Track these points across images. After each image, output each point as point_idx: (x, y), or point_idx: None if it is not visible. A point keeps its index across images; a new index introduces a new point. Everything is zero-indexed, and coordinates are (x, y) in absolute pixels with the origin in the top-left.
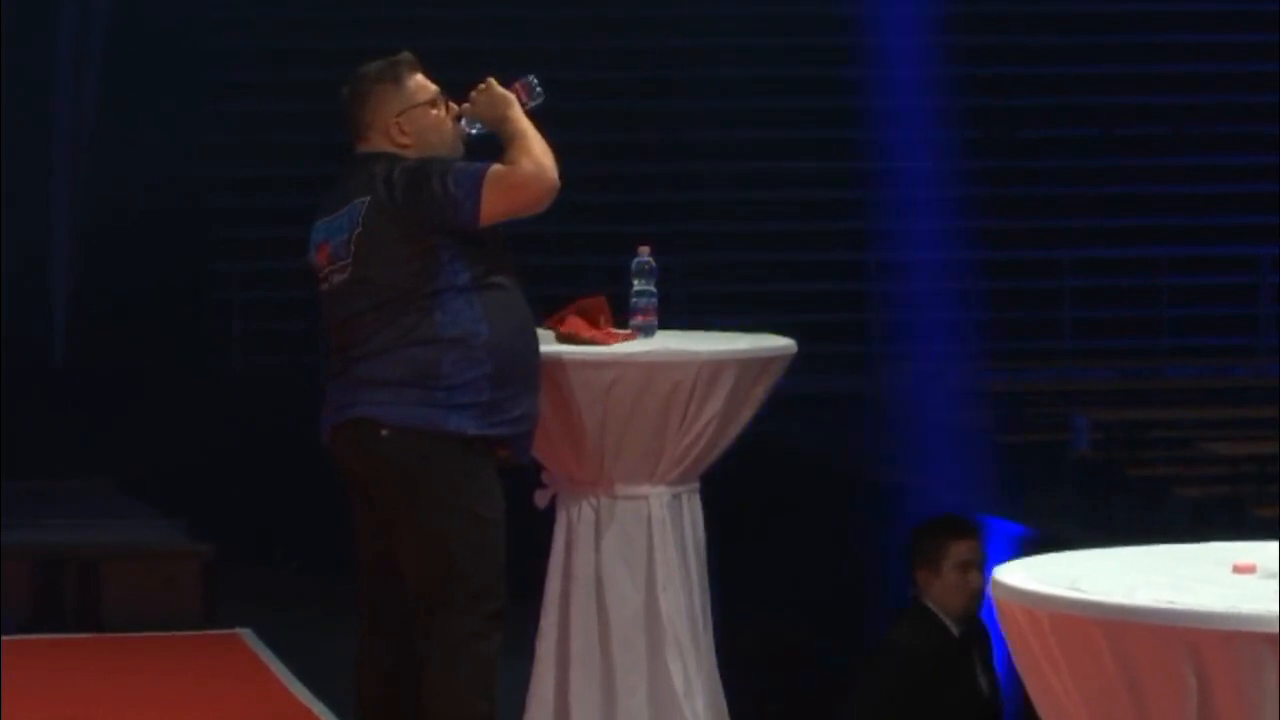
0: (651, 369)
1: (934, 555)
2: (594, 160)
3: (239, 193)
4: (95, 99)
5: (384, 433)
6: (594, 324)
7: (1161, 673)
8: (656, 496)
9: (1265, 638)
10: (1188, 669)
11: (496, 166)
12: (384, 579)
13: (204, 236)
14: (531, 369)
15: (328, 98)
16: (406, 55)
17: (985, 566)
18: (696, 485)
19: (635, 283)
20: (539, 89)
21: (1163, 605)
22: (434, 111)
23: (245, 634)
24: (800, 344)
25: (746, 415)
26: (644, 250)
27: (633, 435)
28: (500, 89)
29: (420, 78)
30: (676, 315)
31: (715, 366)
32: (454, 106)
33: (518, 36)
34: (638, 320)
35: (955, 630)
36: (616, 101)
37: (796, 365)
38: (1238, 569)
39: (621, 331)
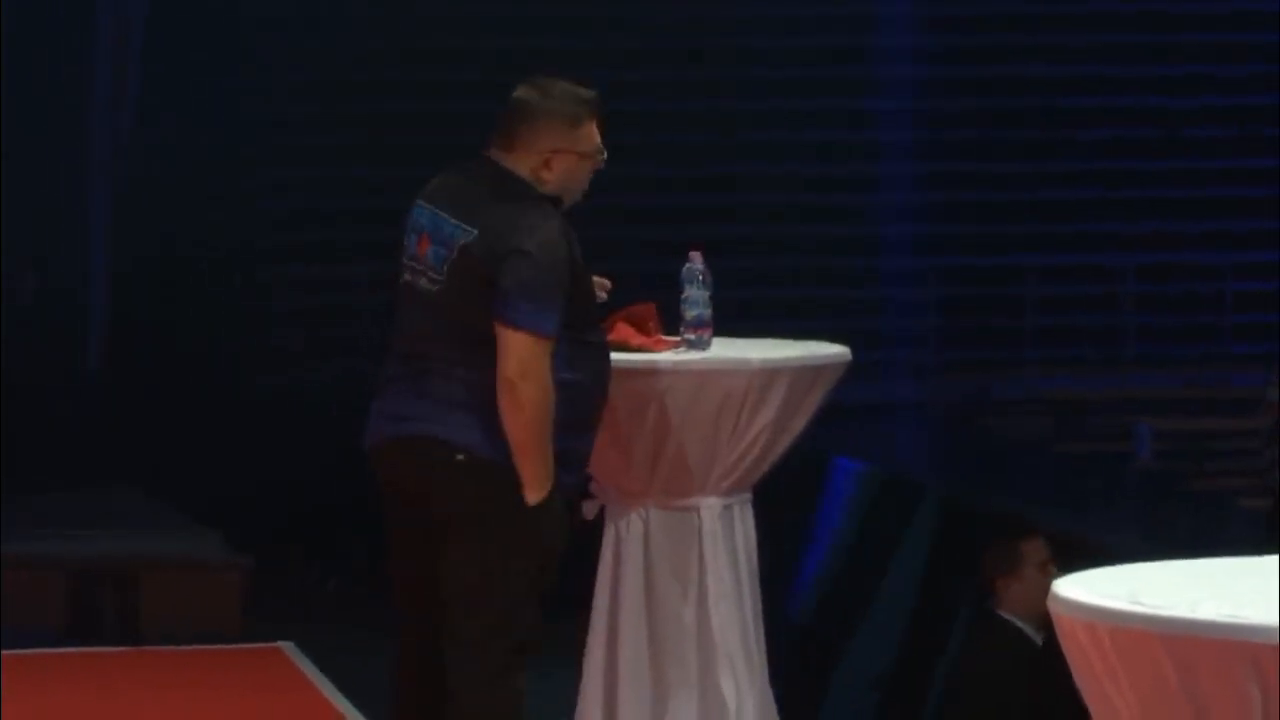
0: (703, 377)
1: (1010, 560)
2: (642, 163)
3: (283, 199)
4: (135, 100)
5: (460, 457)
6: (643, 331)
7: (1225, 687)
8: (708, 507)
9: None
10: (1251, 684)
11: (546, 351)
12: (420, 603)
13: (247, 243)
14: (599, 415)
15: (376, 99)
16: (594, 97)
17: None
18: (749, 495)
19: (686, 289)
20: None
21: (1226, 619)
22: (587, 164)
23: (286, 647)
24: (855, 352)
25: (800, 424)
26: (695, 256)
27: (683, 444)
28: None
29: (593, 127)
30: (727, 321)
31: (768, 374)
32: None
33: (560, 36)
34: (690, 335)
35: (1038, 637)
36: (669, 104)
37: (851, 374)
38: None
39: (671, 339)
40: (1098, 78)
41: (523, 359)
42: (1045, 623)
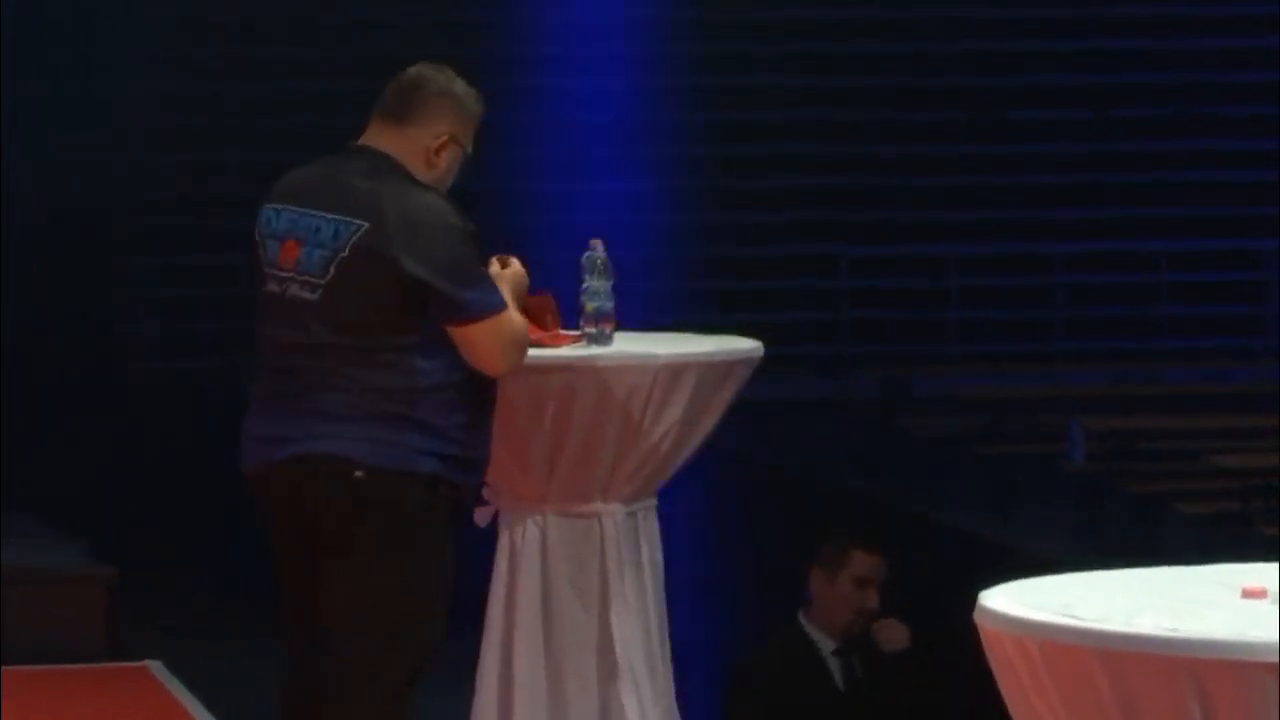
0: (605, 373)
1: (834, 560)
2: (545, 148)
3: (143, 187)
4: None
5: (358, 474)
6: (540, 324)
7: (1163, 705)
8: (609, 514)
9: (1274, 668)
10: (1192, 701)
11: (511, 316)
12: (308, 629)
13: (106, 236)
14: (493, 411)
15: (240, 79)
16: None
17: (883, 588)
18: (654, 501)
19: (586, 279)
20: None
21: (1164, 633)
22: (459, 165)
23: (153, 666)
24: (768, 346)
25: (709, 424)
26: (596, 244)
27: (583, 446)
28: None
29: (475, 131)
30: (634, 314)
31: (675, 370)
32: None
33: (459, 9)
34: (591, 329)
35: (826, 643)
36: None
37: (764, 369)
38: (1247, 593)
39: (570, 333)
40: (1025, 55)
41: (502, 345)
42: (843, 634)
